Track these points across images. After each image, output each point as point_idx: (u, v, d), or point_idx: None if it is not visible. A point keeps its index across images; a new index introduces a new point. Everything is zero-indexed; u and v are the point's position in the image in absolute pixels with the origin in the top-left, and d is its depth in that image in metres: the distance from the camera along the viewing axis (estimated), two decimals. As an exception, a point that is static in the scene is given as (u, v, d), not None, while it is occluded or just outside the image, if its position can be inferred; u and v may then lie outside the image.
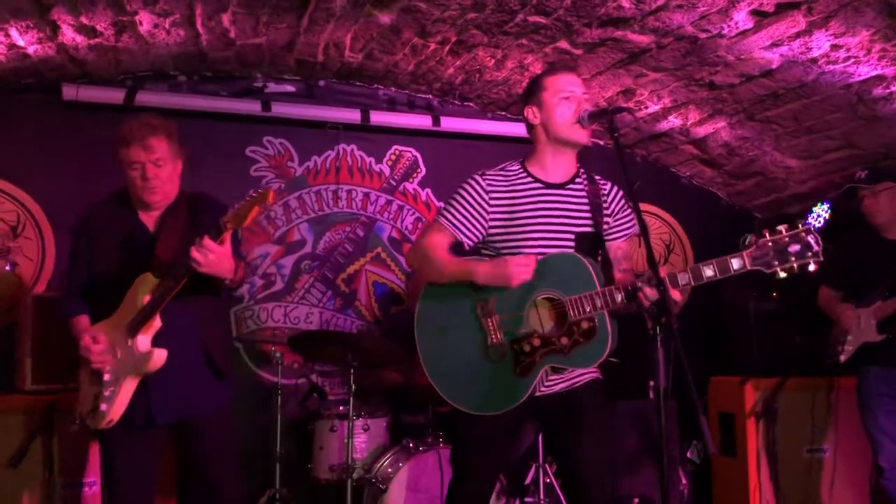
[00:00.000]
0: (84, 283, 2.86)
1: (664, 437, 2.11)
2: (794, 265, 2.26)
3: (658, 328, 2.18)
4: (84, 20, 3.61)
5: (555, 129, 2.57)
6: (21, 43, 3.74)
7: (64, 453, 3.55)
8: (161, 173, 2.78)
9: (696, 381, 2.03)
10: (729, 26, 3.56)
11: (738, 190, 5.48)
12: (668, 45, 3.84)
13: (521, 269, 2.42)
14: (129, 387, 2.67)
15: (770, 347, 4.70)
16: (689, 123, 4.76)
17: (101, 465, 2.85)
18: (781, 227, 2.29)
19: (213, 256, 2.54)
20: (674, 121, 4.76)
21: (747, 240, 2.31)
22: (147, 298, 2.64)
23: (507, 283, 2.44)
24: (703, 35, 3.68)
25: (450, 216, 2.59)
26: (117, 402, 2.65)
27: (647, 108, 4.62)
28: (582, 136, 2.55)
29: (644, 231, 2.26)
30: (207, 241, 2.53)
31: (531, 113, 2.62)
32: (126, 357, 2.67)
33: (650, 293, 2.28)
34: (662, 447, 2.10)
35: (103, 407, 2.66)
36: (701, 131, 4.84)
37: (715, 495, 4.80)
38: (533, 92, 2.63)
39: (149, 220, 2.86)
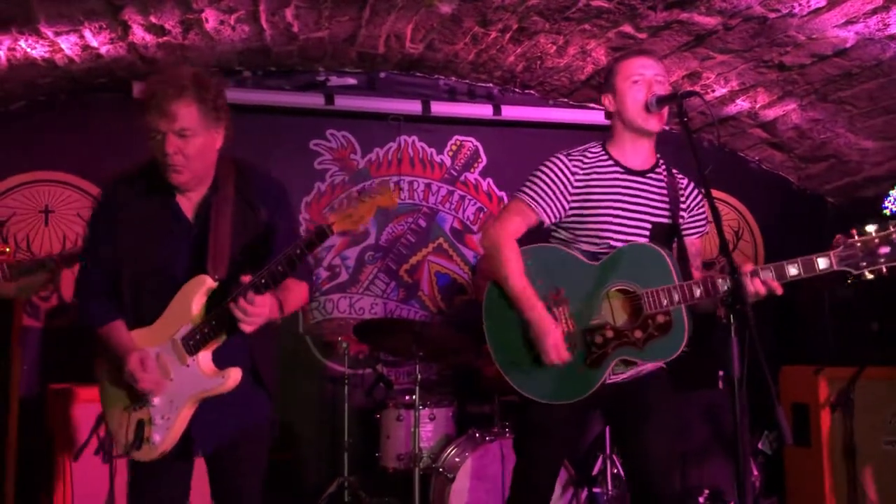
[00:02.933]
0: (106, 281, 2.27)
1: (740, 427, 2.06)
2: (883, 267, 2.21)
3: (732, 316, 2.14)
4: (153, 19, 3.70)
5: (627, 115, 2.52)
6: (94, 44, 3.85)
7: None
8: (187, 148, 2.13)
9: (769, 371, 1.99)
10: (800, 4, 3.44)
11: (810, 174, 5.31)
12: (735, 27, 3.74)
13: (555, 354, 2.40)
14: (187, 413, 2.20)
15: (845, 335, 4.55)
16: (757, 106, 4.64)
17: (128, 492, 2.33)
18: (871, 228, 2.23)
19: (266, 312, 2.10)
20: (742, 104, 4.64)
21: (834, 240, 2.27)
22: (203, 308, 2.17)
23: (538, 346, 2.43)
24: (772, 15, 3.57)
25: (532, 193, 2.54)
26: (173, 431, 2.18)
27: (713, 91, 4.51)
28: (652, 123, 2.50)
29: (717, 218, 2.20)
30: (257, 298, 2.07)
31: (607, 100, 2.58)
32: (185, 380, 2.18)
33: (760, 287, 2.25)
34: (738, 438, 2.05)
35: (156, 438, 2.18)
36: (770, 114, 4.70)
37: (788, 487, 4.68)
38: (607, 78, 2.60)
39: (187, 204, 2.26)
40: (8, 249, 3.35)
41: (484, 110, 4.96)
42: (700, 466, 4.26)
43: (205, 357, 2.18)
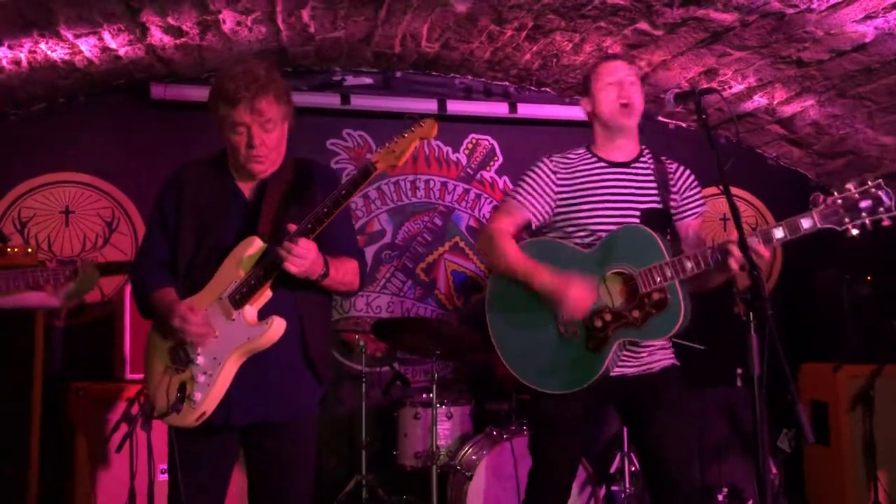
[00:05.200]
0: (166, 253, 2.38)
1: (760, 425, 2.06)
2: (867, 221, 2.25)
3: (751, 314, 2.13)
4: (171, 21, 3.73)
5: (602, 114, 2.65)
6: (113, 45, 3.88)
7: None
8: (269, 139, 2.31)
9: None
10: (818, 0, 3.42)
11: (828, 170, 5.28)
12: (752, 23, 3.72)
13: (577, 304, 2.42)
14: (230, 370, 2.22)
15: (865, 332, 4.52)
16: (775, 103, 4.61)
17: (169, 461, 2.32)
18: (850, 185, 2.27)
19: (312, 256, 2.14)
20: (759, 100, 4.62)
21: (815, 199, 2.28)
22: (251, 265, 2.22)
23: (558, 305, 2.45)
24: (790, 10, 3.55)
25: (519, 196, 2.66)
26: (215, 389, 2.20)
27: (730, 87, 4.48)
28: (625, 119, 2.61)
29: (735, 214, 2.21)
30: (302, 240, 2.12)
31: (584, 104, 2.73)
32: (229, 333, 2.21)
33: (739, 256, 2.25)
34: (758, 436, 2.05)
35: (197, 396, 2.20)
36: (788, 110, 4.67)
37: (807, 485, 4.66)
38: (584, 85, 2.74)
39: (246, 188, 2.40)
40: (30, 250, 3.38)
41: (500, 108, 4.96)
42: (719, 464, 4.24)
43: (250, 310, 2.23)
